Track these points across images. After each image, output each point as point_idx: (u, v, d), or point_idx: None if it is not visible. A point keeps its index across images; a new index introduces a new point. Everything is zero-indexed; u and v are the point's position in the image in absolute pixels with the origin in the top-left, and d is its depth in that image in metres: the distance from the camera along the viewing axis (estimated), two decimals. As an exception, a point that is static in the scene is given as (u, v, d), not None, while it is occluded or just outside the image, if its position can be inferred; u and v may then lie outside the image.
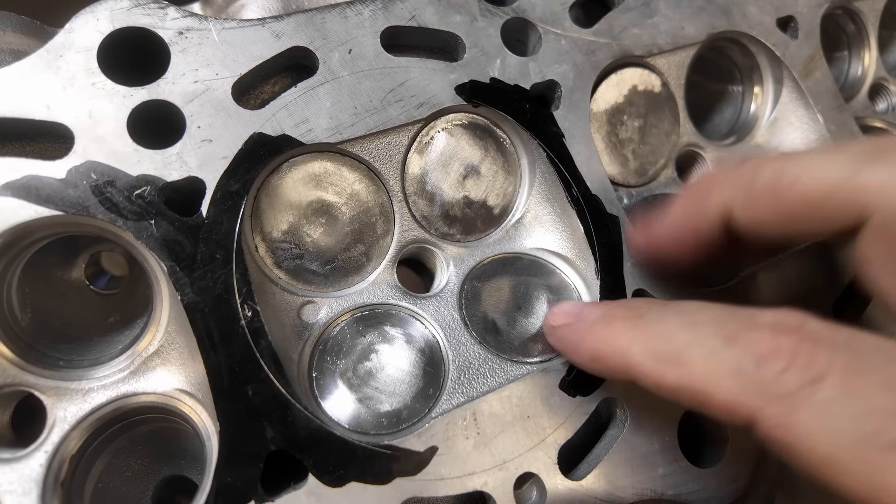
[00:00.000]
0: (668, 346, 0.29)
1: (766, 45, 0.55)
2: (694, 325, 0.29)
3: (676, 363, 0.29)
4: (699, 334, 0.28)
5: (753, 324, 0.27)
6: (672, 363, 0.29)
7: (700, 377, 0.28)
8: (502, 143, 0.47)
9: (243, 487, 0.35)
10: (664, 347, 0.29)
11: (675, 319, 0.30)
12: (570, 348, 0.37)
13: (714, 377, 0.27)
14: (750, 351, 0.26)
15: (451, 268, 0.46)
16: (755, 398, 0.26)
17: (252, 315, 0.37)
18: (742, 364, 0.26)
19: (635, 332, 0.31)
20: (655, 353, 0.30)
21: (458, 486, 0.38)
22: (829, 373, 0.24)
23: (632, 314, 0.32)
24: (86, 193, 0.35)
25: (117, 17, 0.36)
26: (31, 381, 0.37)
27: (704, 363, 0.28)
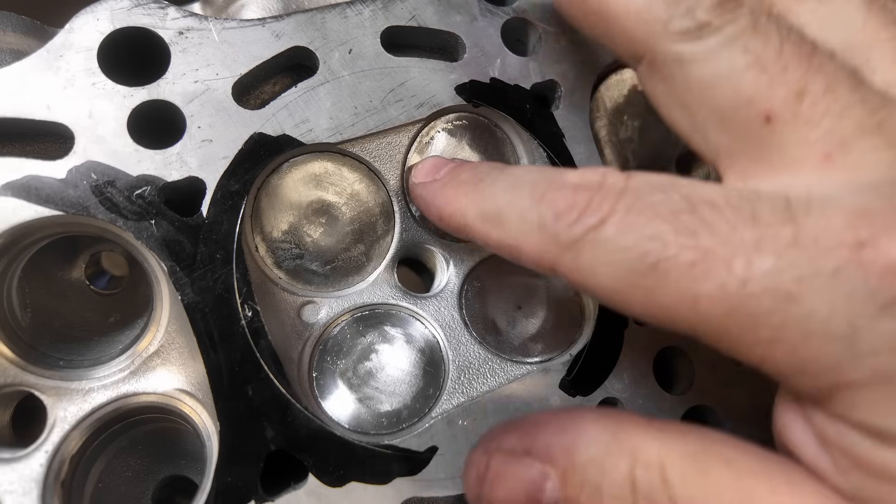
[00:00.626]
0: (493, 208, 0.32)
1: (766, 45, 0.55)
2: (515, 188, 0.32)
3: (498, 223, 0.32)
4: (516, 196, 0.31)
5: (560, 184, 0.30)
6: (495, 223, 0.32)
7: (513, 234, 0.31)
8: (502, 143, 0.47)
9: (243, 487, 0.35)
10: (490, 208, 0.33)
11: (503, 183, 0.33)
12: (423, 206, 0.39)
13: (523, 234, 0.30)
14: (551, 208, 0.29)
15: (451, 268, 0.46)
16: (552, 249, 0.29)
17: (252, 315, 0.37)
18: (544, 220, 0.29)
19: (472, 196, 0.34)
20: (483, 213, 0.33)
21: (458, 486, 0.38)
22: (611, 215, 0.27)
23: (474, 179, 0.35)
24: (86, 193, 0.35)
25: (117, 16, 0.36)
26: (32, 381, 0.37)
27: (517, 222, 0.31)
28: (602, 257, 0.27)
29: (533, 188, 0.31)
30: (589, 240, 0.28)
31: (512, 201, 0.32)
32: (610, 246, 0.27)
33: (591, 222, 0.28)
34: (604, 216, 0.27)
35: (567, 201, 0.29)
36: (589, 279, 0.28)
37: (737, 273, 0.24)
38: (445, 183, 0.38)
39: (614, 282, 0.27)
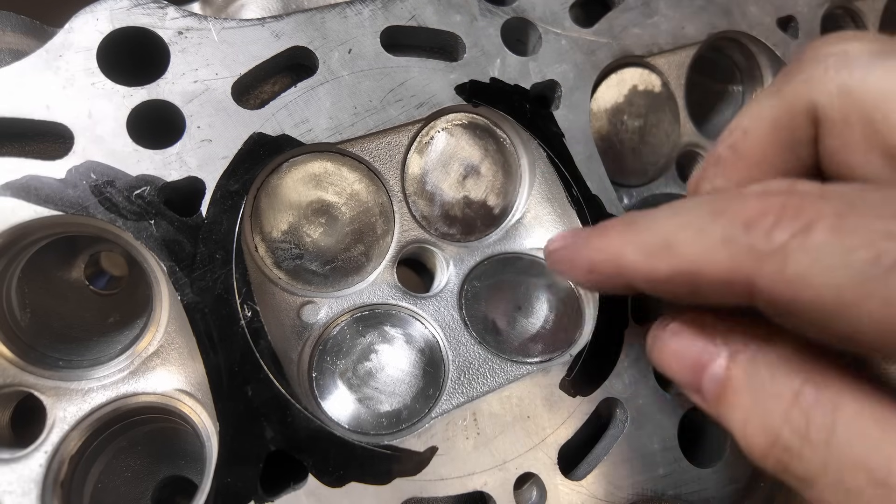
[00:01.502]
0: (657, 237, 0.28)
1: (766, 45, 0.55)
2: (680, 212, 0.28)
3: (666, 250, 0.27)
4: (686, 218, 0.27)
5: (740, 195, 0.26)
6: (662, 252, 0.28)
7: (690, 257, 0.26)
8: (502, 143, 0.47)
9: (243, 488, 0.35)
10: (653, 239, 0.28)
11: (663, 213, 0.29)
12: (568, 265, 0.36)
13: (704, 253, 0.26)
14: (737, 218, 0.25)
15: (451, 268, 0.46)
16: (748, 262, 0.24)
17: (252, 315, 0.37)
18: (731, 232, 0.25)
19: (626, 235, 0.30)
20: (645, 247, 0.29)
21: (457, 487, 0.38)
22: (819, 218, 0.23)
23: (626, 221, 0.31)
24: (85, 193, 0.34)
25: (117, 16, 0.36)
26: (31, 382, 0.37)
27: (693, 242, 0.26)
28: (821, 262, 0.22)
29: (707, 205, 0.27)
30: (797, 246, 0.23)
31: (682, 224, 0.27)
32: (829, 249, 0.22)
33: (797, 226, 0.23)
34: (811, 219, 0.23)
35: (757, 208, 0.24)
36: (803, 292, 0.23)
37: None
38: (591, 235, 0.33)
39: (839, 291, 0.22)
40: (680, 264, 0.27)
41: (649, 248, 0.29)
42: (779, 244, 0.23)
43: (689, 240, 0.27)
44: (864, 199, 0.23)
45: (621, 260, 0.30)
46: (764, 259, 0.24)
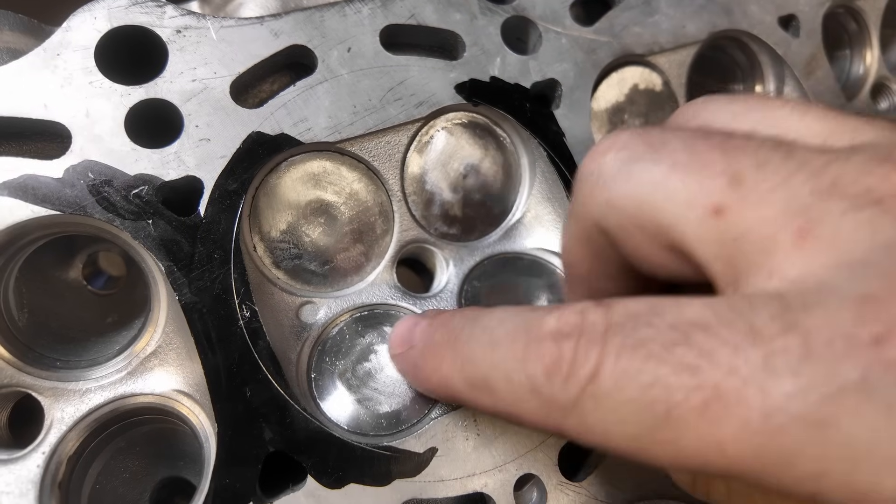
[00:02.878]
0: (478, 374, 0.30)
1: (767, 44, 0.55)
2: (494, 347, 0.29)
3: (486, 390, 0.29)
4: (497, 357, 0.29)
5: (539, 335, 0.27)
6: (483, 390, 0.30)
7: (507, 400, 0.28)
8: (502, 142, 0.47)
9: (241, 489, 0.34)
10: (474, 374, 0.30)
11: (480, 342, 0.31)
12: (411, 378, 0.38)
13: (518, 401, 0.28)
14: (538, 366, 0.27)
15: (451, 268, 0.46)
16: (554, 413, 0.26)
17: (250, 315, 0.37)
18: (535, 383, 0.27)
19: (453, 360, 0.32)
20: (469, 380, 0.31)
21: (457, 488, 0.38)
22: (602, 364, 0.25)
23: (450, 337, 0.33)
24: (83, 193, 0.34)
25: (115, 15, 0.36)
26: (29, 382, 0.37)
27: (507, 388, 0.28)
28: (609, 416, 0.24)
29: (512, 344, 0.28)
30: (588, 396, 0.25)
31: (494, 364, 0.29)
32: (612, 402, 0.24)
33: (584, 375, 0.25)
34: (595, 367, 0.25)
35: (552, 355, 0.26)
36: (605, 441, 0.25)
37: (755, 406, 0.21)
38: (422, 351, 0.35)
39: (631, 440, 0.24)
40: (501, 406, 0.29)
41: (472, 382, 0.30)
42: (574, 395, 0.25)
43: (503, 384, 0.28)
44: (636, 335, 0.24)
45: (452, 390, 0.32)
46: (566, 411, 0.26)
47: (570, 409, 0.26)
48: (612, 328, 0.25)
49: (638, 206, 0.28)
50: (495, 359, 0.29)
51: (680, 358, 0.23)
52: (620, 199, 0.28)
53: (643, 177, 0.27)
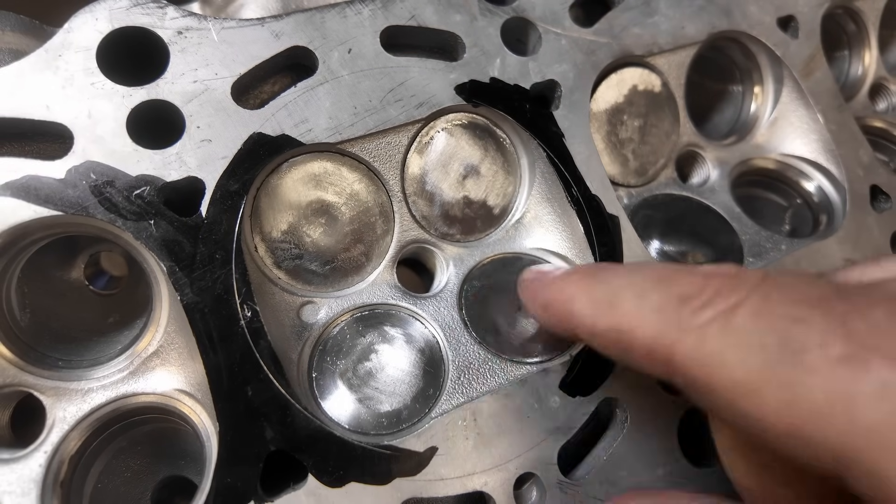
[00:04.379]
0: (606, 290, 0.30)
1: (766, 45, 0.55)
2: (634, 272, 0.30)
3: (610, 305, 0.29)
4: (636, 277, 0.29)
5: (690, 270, 0.27)
6: (606, 305, 0.29)
7: (627, 316, 0.28)
8: (502, 143, 0.47)
9: (243, 488, 0.35)
10: (602, 292, 0.30)
11: (622, 270, 0.31)
12: (531, 297, 0.38)
13: (639, 315, 0.27)
14: (677, 290, 0.26)
15: (451, 268, 0.46)
16: (672, 332, 0.25)
17: (251, 315, 0.37)
18: (666, 302, 0.26)
19: (584, 282, 0.32)
20: (594, 297, 0.30)
21: (457, 487, 0.38)
22: (744, 302, 0.24)
23: (590, 269, 0.33)
24: (85, 193, 0.34)
25: (116, 16, 0.36)
26: (31, 382, 0.37)
27: (633, 303, 0.28)
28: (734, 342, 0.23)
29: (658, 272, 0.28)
30: (718, 325, 0.24)
31: (631, 283, 0.29)
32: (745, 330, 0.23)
33: (723, 307, 0.24)
34: (737, 301, 0.24)
35: (696, 285, 0.26)
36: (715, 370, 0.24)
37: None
38: (559, 276, 0.35)
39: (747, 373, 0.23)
40: (616, 322, 0.29)
41: (597, 301, 0.30)
42: (703, 321, 0.25)
43: (630, 300, 0.28)
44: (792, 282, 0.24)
45: (571, 306, 0.32)
46: (686, 333, 0.25)
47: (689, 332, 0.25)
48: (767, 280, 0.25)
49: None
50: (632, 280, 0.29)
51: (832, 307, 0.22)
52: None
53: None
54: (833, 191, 0.57)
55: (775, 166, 0.60)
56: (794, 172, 0.59)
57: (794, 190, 0.60)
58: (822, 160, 0.57)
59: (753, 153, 0.59)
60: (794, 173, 0.59)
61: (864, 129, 0.60)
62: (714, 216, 0.55)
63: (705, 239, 0.54)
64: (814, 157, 0.58)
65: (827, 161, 0.57)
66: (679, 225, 0.54)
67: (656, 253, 0.52)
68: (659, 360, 0.26)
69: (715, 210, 0.55)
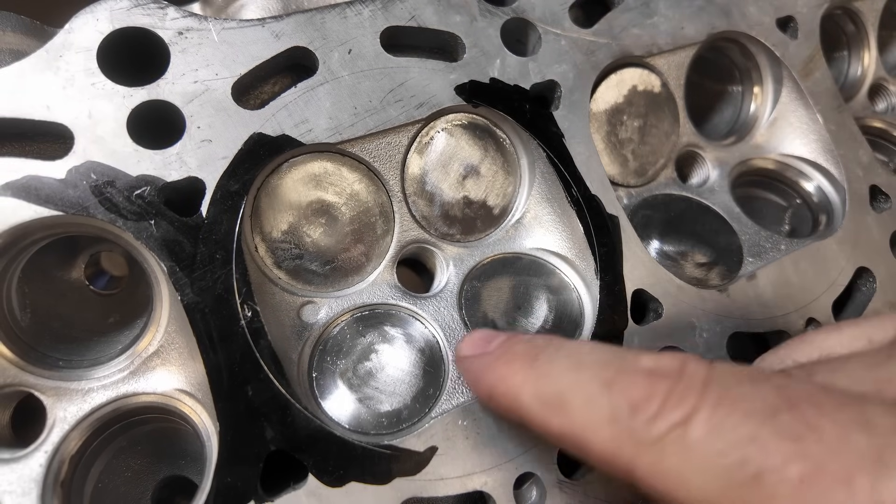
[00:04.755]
0: (553, 389, 0.29)
1: (765, 46, 0.55)
2: (579, 368, 0.29)
3: (559, 407, 0.28)
4: (581, 377, 0.28)
5: (633, 368, 0.27)
6: (555, 407, 0.29)
7: (580, 424, 0.27)
8: (502, 143, 0.47)
9: (243, 487, 0.35)
10: (549, 390, 0.29)
11: (564, 362, 0.30)
12: (472, 381, 0.37)
13: (592, 424, 0.27)
14: (625, 397, 0.26)
15: (451, 268, 0.46)
16: (628, 447, 0.25)
17: (252, 315, 0.37)
18: (617, 412, 0.26)
19: (527, 373, 0.31)
20: (541, 395, 0.30)
21: (457, 486, 0.38)
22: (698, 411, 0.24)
23: (530, 353, 0.32)
24: (85, 194, 0.35)
25: (117, 17, 0.36)
26: (31, 382, 0.37)
27: (583, 409, 0.27)
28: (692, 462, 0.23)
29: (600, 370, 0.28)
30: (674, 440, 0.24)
31: (576, 383, 0.28)
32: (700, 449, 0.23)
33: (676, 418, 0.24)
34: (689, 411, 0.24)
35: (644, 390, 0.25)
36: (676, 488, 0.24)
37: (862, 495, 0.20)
38: (498, 357, 0.33)
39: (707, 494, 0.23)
40: (570, 427, 0.28)
41: (544, 399, 0.29)
42: (658, 435, 0.24)
43: (580, 404, 0.28)
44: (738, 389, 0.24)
45: (519, 400, 0.31)
46: (644, 448, 0.25)
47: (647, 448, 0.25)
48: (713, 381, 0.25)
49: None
50: (577, 378, 0.28)
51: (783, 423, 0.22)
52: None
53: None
54: (832, 191, 0.58)
55: (775, 166, 0.60)
56: (793, 172, 0.59)
57: (794, 190, 0.60)
58: (821, 160, 0.57)
59: (753, 153, 0.59)
60: (794, 173, 0.59)
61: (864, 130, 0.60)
62: (713, 216, 0.55)
63: (705, 239, 0.54)
64: (813, 157, 0.58)
65: (826, 161, 0.57)
66: (679, 225, 0.54)
67: (656, 253, 0.52)
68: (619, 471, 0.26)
69: (714, 210, 0.55)
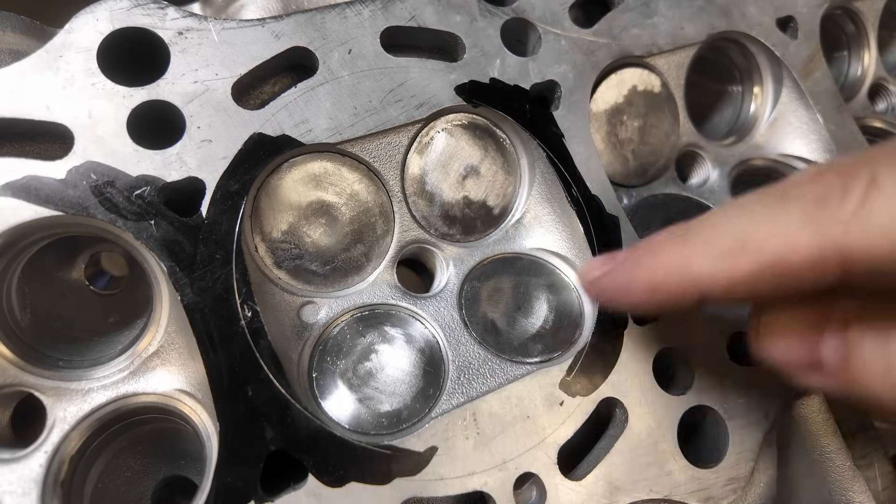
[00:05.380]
0: (729, 237, 0.28)
1: (765, 46, 0.55)
2: (744, 209, 0.29)
3: (743, 249, 0.28)
4: (753, 213, 0.28)
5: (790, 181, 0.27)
6: (739, 251, 0.28)
7: (772, 248, 0.27)
8: (502, 143, 0.47)
9: (243, 487, 0.35)
10: (725, 241, 0.29)
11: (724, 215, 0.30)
12: (621, 291, 0.35)
13: (787, 241, 0.26)
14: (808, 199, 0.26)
15: (451, 268, 0.46)
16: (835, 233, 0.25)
17: (252, 315, 0.37)
18: (807, 214, 0.26)
19: (689, 245, 0.30)
20: (719, 250, 0.29)
21: (457, 487, 0.38)
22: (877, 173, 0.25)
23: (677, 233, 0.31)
24: (85, 194, 0.35)
25: (117, 17, 0.36)
26: (31, 382, 0.37)
27: (771, 232, 0.27)
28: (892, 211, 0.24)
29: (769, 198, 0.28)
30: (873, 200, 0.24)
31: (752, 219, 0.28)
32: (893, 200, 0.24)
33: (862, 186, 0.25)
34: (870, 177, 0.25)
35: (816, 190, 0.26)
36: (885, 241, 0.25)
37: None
38: (641, 255, 0.33)
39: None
40: (762, 258, 0.27)
41: (722, 251, 0.29)
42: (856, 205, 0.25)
43: (767, 232, 0.27)
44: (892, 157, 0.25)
45: (691, 270, 0.30)
46: (849, 224, 0.25)
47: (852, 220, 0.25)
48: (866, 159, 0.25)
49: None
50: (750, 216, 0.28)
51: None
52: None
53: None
54: (832, 191, 0.57)
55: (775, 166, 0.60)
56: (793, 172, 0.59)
57: (794, 190, 0.60)
58: (821, 160, 0.57)
59: (753, 153, 0.59)
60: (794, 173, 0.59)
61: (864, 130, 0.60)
62: (714, 216, 0.55)
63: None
64: (813, 157, 0.58)
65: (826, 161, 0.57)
66: (679, 225, 0.54)
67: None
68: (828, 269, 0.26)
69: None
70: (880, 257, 0.25)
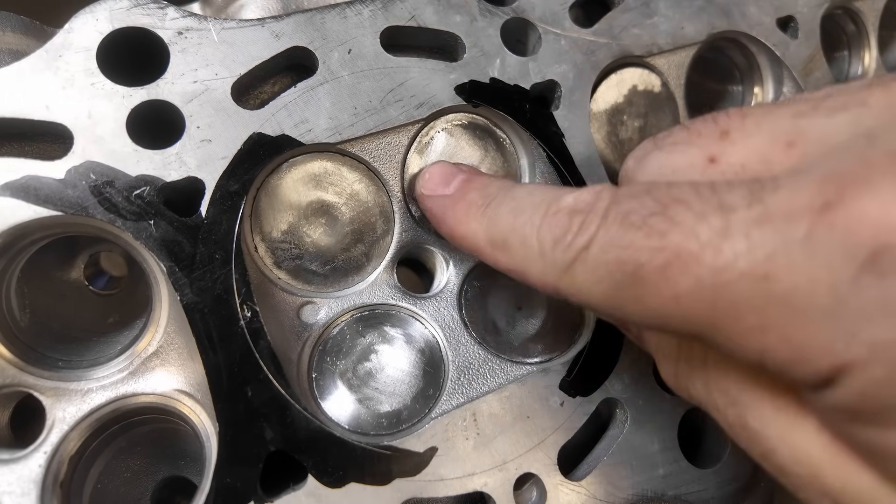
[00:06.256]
0: (500, 235, 0.34)
1: (766, 45, 0.55)
2: (518, 213, 0.34)
3: (504, 248, 0.34)
4: (519, 222, 0.33)
5: (556, 208, 0.31)
6: (502, 248, 0.34)
7: (519, 260, 0.33)
8: (502, 143, 0.47)
9: (243, 488, 0.35)
10: (497, 235, 0.34)
11: (507, 208, 0.35)
12: (434, 220, 0.40)
13: (528, 260, 0.32)
14: (549, 234, 0.31)
15: (451, 268, 0.46)
16: (552, 273, 0.31)
17: (251, 315, 0.37)
18: (543, 247, 0.31)
19: (481, 220, 0.36)
20: (492, 239, 0.35)
21: (457, 487, 0.38)
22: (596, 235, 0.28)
23: (483, 200, 0.37)
24: (85, 194, 0.34)
25: (116, 17, 0.36)
26: (31, 382, 0.37)
27: (521, 249, 0.33)
28: (592, 275, 0.29)
29: (534, 213, 0.32)
30: (580, 261, 0.29)
31: (514, 228, 0.33)
32: (595, 264, 0.28)
33: (580, 244, 0.29)
34: (591, 236, 0.29)
35: (562, 227, 0.30)
36: (587, 298, 0.30)
37: (708, 264, 0.24)
38: (456, 201, 0.38)
39: (606, 296, 0.28)
40: (513, 264, 0.33)
41: (493, 241, 0.35)
42: (570, 260, 0.29)
43: (518, 245, 0.33)
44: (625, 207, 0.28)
45: (475, 242, 0.36)
46: (563, 273, 0.30)
47: (565, 272, 0.30)
48: (613, 205, 0.29)
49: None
50: (517, 223, 0.33)
51: (653, 225, 0.26)
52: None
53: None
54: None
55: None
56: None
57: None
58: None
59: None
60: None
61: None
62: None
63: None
64: (814, 157, 0.58)
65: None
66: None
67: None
68: (550, 292, 0.32)
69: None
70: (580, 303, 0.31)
